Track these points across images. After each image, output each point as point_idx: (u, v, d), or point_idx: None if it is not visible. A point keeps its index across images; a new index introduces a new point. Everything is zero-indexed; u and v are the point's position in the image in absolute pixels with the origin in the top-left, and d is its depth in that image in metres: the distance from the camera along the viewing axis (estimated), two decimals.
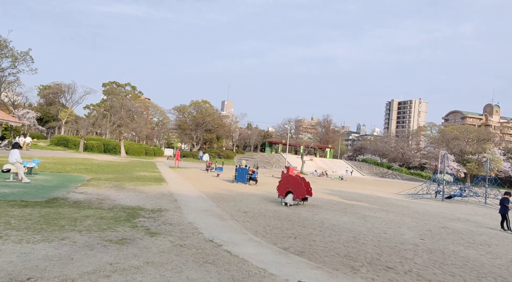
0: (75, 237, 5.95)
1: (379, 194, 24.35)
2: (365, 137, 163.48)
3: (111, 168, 24.07)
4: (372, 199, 19.75)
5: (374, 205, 16.46)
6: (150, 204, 10.46)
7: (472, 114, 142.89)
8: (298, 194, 13.57)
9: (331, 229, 9.42)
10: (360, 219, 11.47)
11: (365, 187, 32.68)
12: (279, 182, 14.42)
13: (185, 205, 10.82)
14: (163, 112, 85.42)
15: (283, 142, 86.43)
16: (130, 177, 18.64)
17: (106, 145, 60.16)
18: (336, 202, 16.46)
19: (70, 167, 21.54)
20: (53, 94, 71.92)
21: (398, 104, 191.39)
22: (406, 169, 73.78)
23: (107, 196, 11.15)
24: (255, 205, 13.03)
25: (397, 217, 12.97)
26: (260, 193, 17.80)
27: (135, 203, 10.32)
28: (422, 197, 23.80)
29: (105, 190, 12.67)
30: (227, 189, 18.08)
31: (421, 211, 15.90)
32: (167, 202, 11.11)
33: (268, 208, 12.38)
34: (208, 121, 74.73)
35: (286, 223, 9.89)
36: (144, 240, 6.18)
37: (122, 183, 15.32)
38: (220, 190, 17.44)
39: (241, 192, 17.43)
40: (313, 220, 10.64)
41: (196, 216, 9.11)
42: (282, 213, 11.56)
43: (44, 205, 8.66)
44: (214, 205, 11.64)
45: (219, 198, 14.07)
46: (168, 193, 13.62)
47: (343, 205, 15.47)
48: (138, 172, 23.44)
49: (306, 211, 12.33)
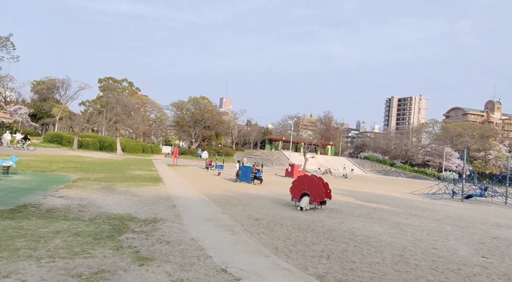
0: (27, 271, 4.08)
1: (394, 194, 22.56)
2: (365, 134, 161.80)
3: (104, 167, 22.16)
4: (391, 201, 17.95)
5: (398, 208, 14.65)
6: (143, 211, 8.59)
7: (474, 111, 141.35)
8: (316, 197, 11.73)
9: (367, 244, 7.58)
10: (395, 228, 9.64)
11: (373, 185, 30.91)
12: (292, 183, 12.58)
13: (186, 212, 8.96)
14: (161, 108, 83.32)
15: (283, 139, 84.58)
16: (123, 177, 16.75)
17: (102, 142, 58.09)
18: (355, 205, 14.63)
19: (58, 165, 19.62)
20: (47, 89, 69.72)
21: (398, 101, 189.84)
22: (409, 167, 72.13)
23: (91, 201, 9.27)
24: (267, 209, 11.20)
25: (433, 224, 11.15)
26: (268, 194, 15.96)
27: (125, 211, 8.45)
28: (441, 197, 22.03)
29: (91, 193, 10.78)
30: (231, 190, 16.23)
31: (452, 215, 14.10)
32: (164, 208, 9.24)
33: (283, 214, 10.54)
34: (207, 117, 72.75)
35: (309, 234, 8.06)
36: (130, 273, 4.32)
37: (113, 184, 13.44)
38: (223, 191, 15.59)
39: (247, 193, 15.59)
40: (340, 230, 8.80)
41: (200, 229, 7.25)
42: (301, 220, 9.72)
43: (6, 215, 6.78)
44: (219, 211, 9.79)
45: (223, 201, 12.22)
46: (166, 196, 11.76)
47: (365, 208, 13.64)
48: (133, 170, 21.55)
49: (328, 218, 10.49)
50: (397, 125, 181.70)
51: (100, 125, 68.12)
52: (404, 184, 39.30)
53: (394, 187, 32.70)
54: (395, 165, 73.86)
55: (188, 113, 74.89)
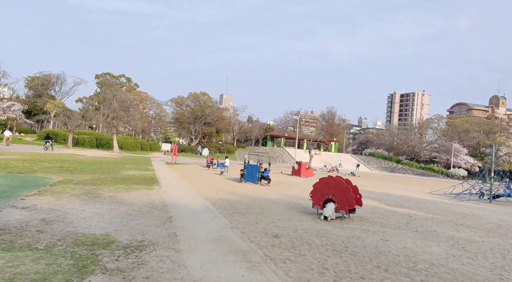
0: None
1: (415, 195, 20.43)
2: (367, 130, 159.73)
3: (95, 166, 20.02)
4: (419, 204, 15.82)
5: (435, 215, 12.51)
6: (127, 229, 6.45)
7: (478, 106, 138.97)
8: (344, 203, 9.60)
9: (438, 278, 5.44)
10: (456, 248, 7.47)
11: (386, 184, 28.77)
12: (314, 187, 10.44)
13: (185, 229, 6.81)
14: (160, 104, 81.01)
15: (285, 136, 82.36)
16: (113, 178, 14.60)
17: (99, 140, 55.85)
18: (385, 211, 12.50)
19: (42, 165, 17.47)
20: (41, 85, 67.43)
21: (400, 97, 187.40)
22: (416, 163, 69.96)
23: (62, 215, 7.13)
24: (285, 220, 9.06)
25: (494, 238, 8.99)
26: (280, 198, 13.83)
27: (103, 229, 6.31)
28: (469, 198, 19.89)
29: (67, 201, 8.64)
30: (237, 193, 14.10)
31: (500, 222, 11.96)
32: (157, 223, 7.10)
33: (306, 227, 8.41)
34: (207, 113, 70.45)
35: (351, 261, 5.92)
36: None
37: (98, 188, 11.30)
38: (228, 194, 13.45)
39: (256, 197, 13.45)
40: (390, 253, 6.65)
41: (204, 259, 5.10)
42: (332, 236, 7.58)
43: None
44: (228, 225, 7.66)
45: (231, 208, 10.09)
46: (160, 203, 9.62)
47: (398, 216, 11.51)
48: (127, 170, 19.40)
49: (364, 232, 8.35)
50: (400, 121, 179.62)
51: (97, 122, 66.01)
52: (416, 182, 37.18)
53: (408, 185, 30.57)
54: (401, 161, 71.71)
55: (187, 109, 72.65)
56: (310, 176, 29.31)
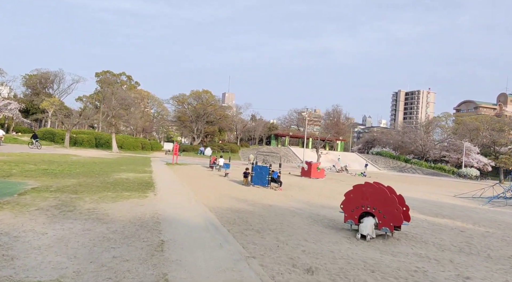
0: None
1: (443, 200, 18.25)
2: (371, 129, 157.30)
3: (85, 168, 17.96)
4: (456, 212, 13.64)
5: (486, 228, 10.34)
6: (94, 270, 4.33)
7: (486, 104, 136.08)
8: (388, 218, 7.46)
9: None
10: None
11: (403, 186, 26.56)
12: (346, 196, 8.29)
13: (181, 268, 4.68)
14: (161, 103, 78.93)
15: (290, 134, 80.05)
16: (102, 183, 12.51)
17: (98, 139, 53.80)
18: (425, 223, 10.34)
19: (24, 167, 15.42)
20: (40, 84, 65.43)
21: (405, 95, 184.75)
22: (425, 163, 67.59)
23: (8, 242, 5.03)
24: (314, 241, 6.94)
25: None
26: (296, 205, 11.71)
27: (57, 270, 4.20)
28: (506, 203, 17.68)
29: (28, 218, 6.55)
30: (246, 200, 11.98)
31: None
32: (141, 257, 4.99)
33: (345, 253, 6.28)
34: (209, 111, 68.29)
35: None
36: None
37: (78, 197, 9.21)
38: (236, 201, 11.34)
39: (269, 205, 11.32)
40: None
41: None
42: (387, 271, 5.44)
43: None
44: (242, 255, 5.54)
45: (242, 224, 7.98)
46: (152, 218, 7.52)
47: (448, 231, 9.36)
48: (121, 172, 17.32)
49: (424, 261, 6.19)
50: (405, 119, 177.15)
51: (97, 121, 63.98)
52: (432, 183, 34.94)
53: (425, 187, 28.37)
54: (410, 161, 69.38)
55: (189, 108, 70.56)
56: (321, 177, 27.15)
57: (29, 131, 65.16)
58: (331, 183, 23.78)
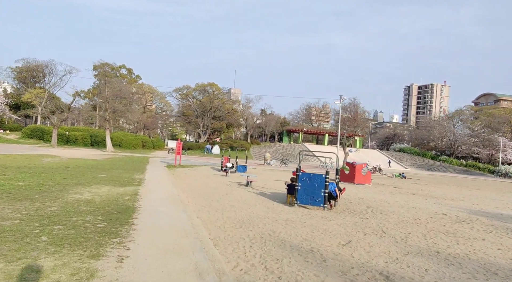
0: None
1: None
2: (384, 124, 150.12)
3: (37, 178, 11.93)
4: None
5: None
6: None
7: (507, 97, 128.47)
8: None
9: None
10: None
11: (460, 192, 20.27)
12: None
13: None
14: (164, 97, 72.88)
15: (304, 130, 73.72)
16: (24, 220, 6.44)
17: (94, 137, 47.85)
18: None
19: None
20: (32, 77, 59.68)
21: (418, 89, 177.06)
22: (456, 160, 60.89)
23: None
24: None
25: None
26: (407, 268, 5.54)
27: None
28: None
29: None
30: (302, 247, 5.81)
31: None
32: None
33: None
34: (216, 105, 62.04)
35: None
36: None
37: None
38: (289, 255, 5.18)
39: (350, 265, 5.16)
40: None
41: None
42: None
43: None
44: None
45: None
46: None
47: None
48: (91, 186, 11.23)
49: None
50: (417, 114, 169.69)
51: (94, 117, 58.21)
52: (482, 186, 28.43)
53: (482, 191, 21.93)
54: (437, 158, 62.74)
55: (194, 102, 64.44)
56: (367, 183, 20.81)
57: (19, 128, 59.58)
58: (392, 194, 17.26)
